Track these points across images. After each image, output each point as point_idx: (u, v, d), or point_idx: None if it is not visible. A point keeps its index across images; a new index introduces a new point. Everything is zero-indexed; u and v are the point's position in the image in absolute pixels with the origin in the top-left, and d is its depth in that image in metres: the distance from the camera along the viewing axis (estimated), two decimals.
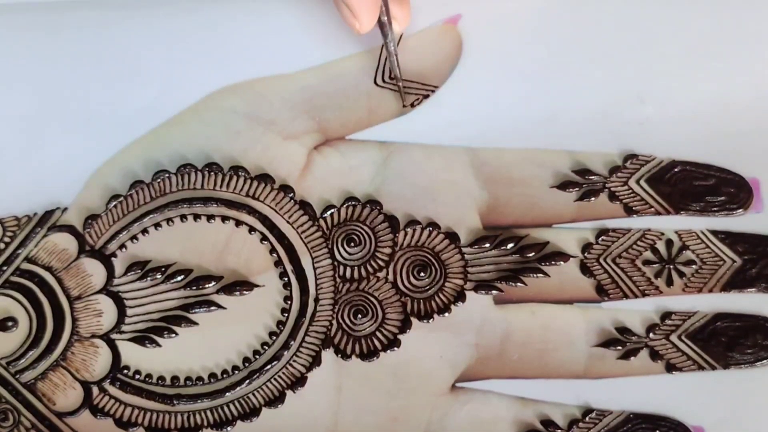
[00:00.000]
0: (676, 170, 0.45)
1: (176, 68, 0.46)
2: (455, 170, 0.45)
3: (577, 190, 0.45)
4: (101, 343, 0.43)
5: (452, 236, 0.44)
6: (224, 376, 0.43)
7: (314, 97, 0.46)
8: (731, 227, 0.45)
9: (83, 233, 0.44)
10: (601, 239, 0.45)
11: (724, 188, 0.45)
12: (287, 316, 0.43)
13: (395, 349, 0.43)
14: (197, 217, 0.44)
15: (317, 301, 0.43)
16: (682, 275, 0.44)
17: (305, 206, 0.44)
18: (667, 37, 0.47)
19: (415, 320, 0.43)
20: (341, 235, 0.44)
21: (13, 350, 0.43)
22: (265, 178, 0.44)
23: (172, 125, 0.46)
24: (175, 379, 0.43)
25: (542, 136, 0.46)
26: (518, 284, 0.44)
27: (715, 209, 0.45)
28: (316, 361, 0.43)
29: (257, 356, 0.43)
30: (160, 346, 0.43)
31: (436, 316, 0.43)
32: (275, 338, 0.43)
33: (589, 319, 0.44)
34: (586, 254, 0.44)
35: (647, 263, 0.44)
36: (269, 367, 0.43)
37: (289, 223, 0.44)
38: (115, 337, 0.43)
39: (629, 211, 0.45)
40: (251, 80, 0.46)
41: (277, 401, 0.42)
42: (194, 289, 0.43)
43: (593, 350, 0.43)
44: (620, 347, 0.43)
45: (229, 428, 0.42)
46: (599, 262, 0.44)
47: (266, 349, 0.43)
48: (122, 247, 0.44)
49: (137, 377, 0.43)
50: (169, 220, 0.44)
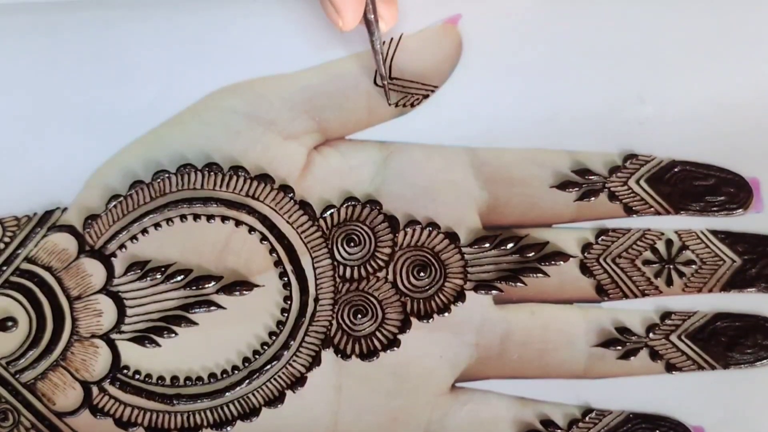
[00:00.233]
0: (676, 170, 0.45)
1: (176, 68, 0.46)
2: (455, 170, 0.45)
3: (577, 190, 0.45)
4: (101, 343, 0.43)
5: (452, 236, 0.44)
6: (224, 376, 0.43)
7: (314, 97, 0.46)
8: (731, 227, 0.45)
9: (83, 233, 0.44)
10: (601, 239, 0.45)
11: (724, 188, 0.45)
12: (287, 316, 0.43)
13: (395, 349, 0.43)
14: (197, 217, 0.44)
15: (317, 301, 0.43)
16: (682, 275, 0.44)
17: (305, 206, 0.44)
18: (667, 37, 0.47)
19: (415, 320, 0.43)
20: (341, 235, 0.44)
21: (13, 350, 0.43)
22: (265, 178, 0.44)
23: (172, 125, 0.46)
24: (174, 379, 0.43)
25: (542, 136, 0.46)
26: (518, 284, 0.44)
27: (715, 209, 0.45)
28: (315, 361, 0.43)
29: (257, 356, 0.43)
30: (159, 346, 0.43)
31: (436, 316, 0.43)
32: (275, 338, 0.43)
33: (589, 319, 0.44)
34: (586, 254, 0.44)
35: (647, 263, 0.44)
36: (269, 367, 0.43)
37: (288, 223, 0.44)
38: (114, 337, 0.43)
39: (629, 211, 0.45)
40: (251, 80, 0.46)
41: (277, 401, 0.42)
42: (194, 289, 0.43)
43: (593, 350, 0.43)
44: (620, 347, 0.43)
45: (229, 428, 0.42)
46: (599, 262, 0.44)
47: (266, 349, 0.43)
48: (122, 247, 0.44)
49: (137, 377, 0.43)
50: (169, 220, 0.44)
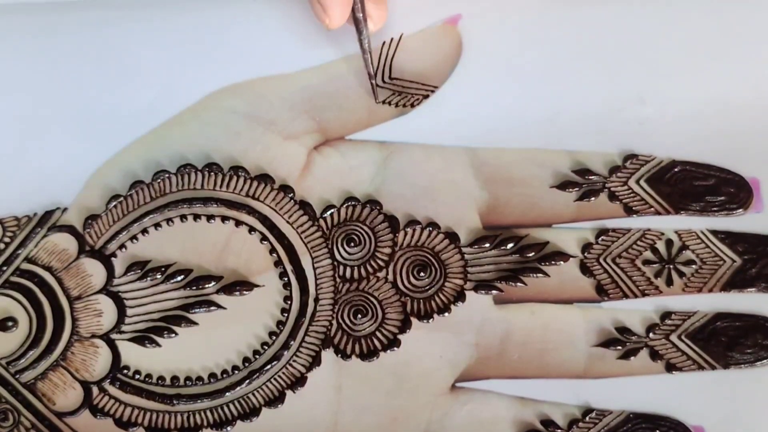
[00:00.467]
0: (676, 170, 0.45)
1: (176, 68, 0.46)
2: (455, 170, 0.45)
3: (577, 190, 0.45)
4: (101, 343, 0.43)
5: (452, 236, 0.44)
6: (224, 376, 0.43)
7: (314, 97, 0.46)
8: (731, 227, 0.45)
9: (83, 233, 0.44)
10: (601, 239, 0.45)
11: (724, 188, 0.45)
12: (287, 316, 0.43)
13: (395, 349, 0.43)
14: (197, 217, 0.44)
15: (317, 301, 0.43)
16: (682, 275, 0.44)
17: (305, 206, 0.44)
18: (667, 37, 0.47)
19: (415, 320, 0.43)
20: (341, 235, 0.44)
21: (13, 350, 0.43)
22: (265, 178, 0.44)
23: (172, 125, 0.46)
24: (175, 379, 0.43)
25: (542, 136, 0.46)
26: (518, 284, 0.44)
27: (715, 209, 0.45)
28: (316, 361, 0.43)
29: (257, 356, 0.43)
30: (160, 346, 0.43)
31: (436, 316, 0.43)
32: (275, 338, 0.43)
33: (589, 319, 0.44)
34: (586, 254, 0.44)
35: (647, 263, 0.44)
36: (269, 367, 0.43)
37: (289, 223, 0.44)
38: (115, 337, 0.43)
39: (629, 211, 0.45)
40: (251, 80, 0.46)
41: (277, 401, 0.42)
42: (194, 289, 0.43)
43: (593, 350, 0.43)
44: (620, 347, 0.43)
45: (229, 428, 0.42)
46: (599, 262, 0.44)
47: (266, 349, 0.43)
48: (122, 247, 0.44)
49: (137, 377, 0.43)
50: (169, 220, 0.44)
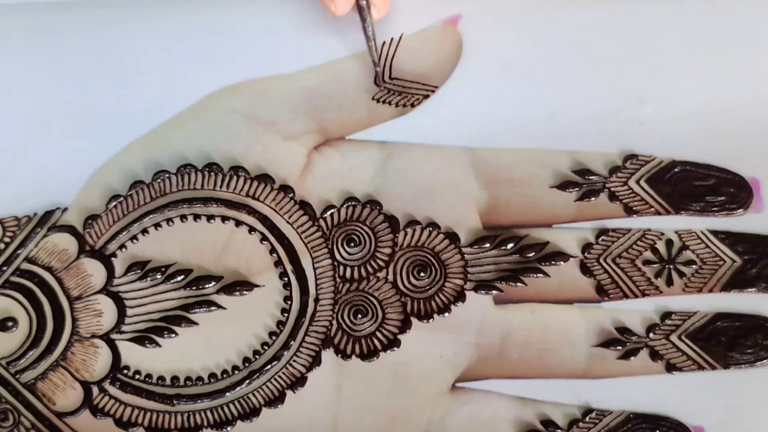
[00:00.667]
0: (676, 170, 0.45)
1: (176, 68, 0.46)
2: (455, 170, 0.45)
3: (577, 190, 0.45)
4: (101, 343, 0.43)
5: (452, 236, 0.44)
6: (224, 376, 0.43)
7: (314, 97, 0.46)
8: (731, 227, 0.45)
9: (83, 233, 0.44)
10: (601, 239, 0.45)
11: (724, 188, 0.45)
12: (287, 316, 0.43)
13: (395, 349, 0.43)
14: (197, 217, 0.44)
15: (317, 301, 0.43)
16: (682, 275, 0.44)
17: (305, 206, 0.44)
18: (667, 37, 0.47)
19: (415, 320, 0.43)
20: (341, 235, 0.44)
21: (13, 350, 0.43)
22: (265, 178, 0.44)
23: (172, 125, 0.46)
24: (175, 379, 0.43)
25: (542, 136, 0.46)
26: (518, 284, 0.44)
27: (715, 209, 0.45)
28: (316, 361, 0.43)
29: (257, 356, 0.43)
30: (160, 346, 0.43)
31: (436, 316, 0.43)
32: (275, 338, 0.43)
33: (589, 319, 0.44)
34: (586, 254, 0.44)
35: (647, 263, 0.44)
36: (269, 367, 0.43)
37: (289, 223, 0.44)
38: (115, 337, 0.43)
39: (629, 211, 0.45)
40: (251, 80, 0.46)
41: (277, 401, 0.42)
42: (194, 289, 0.43)
43: (593, 350, 0.43)
44: (620, 347, 0.43)
45: (229, 428, 0.42)
46: (599, 262, 0.44)
47: (266, 349, 0.43)
48: (122, 247, 0.44)
49: (137, 377, 0.43)
50: (169, 220, 0.44)
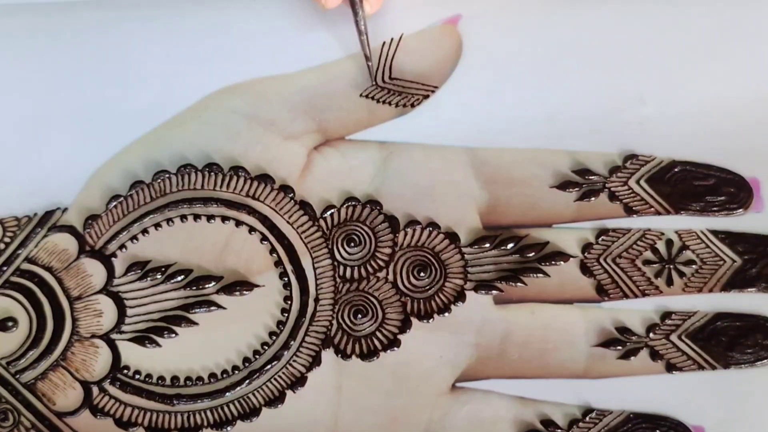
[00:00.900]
0: (676, 170, 0.45)
1: (176, 68, 0.46)
2: (455, 170, 0.45)
3: (577, 190, 0.45)
4: (101, 343, 0.43)
5: (452, 236, 0.44)
6: (224, 376, 0.43)
7: (314, 97, 0.46)
8: (731, 227, 0.45)
9: (83, 233, 0.44)
10: (601, 239, 0.45)
11: (724, 188, 0.45)
12: (287, 316, 0.43)
13: (395, 349, 0.43)
14: (197, 217, 0.44)
15: (317, 301, 0.43)
16: (682, 275, 0.44)
17: (305, 206, 0.44)
18: (667, 37, 0.47)
19: (415, 320, 0.43)
20: (341, 235, 0.44)
21: (13, 350, 0.43)
22: (265, 178, 0.44)
23: (172, 125, 0.46)
24: (175, 379, 0.43)
25: (542, 136, 0.46)
26: (518, 284, 0.44)
27: (715, 209, 0.45)
28: (316, 361, 0.43)
29: (257, 356, 0.43)
30: (160, 346, 0.43)
31: (436, 316, 0.43)
32: (275, 338, 0.43)
33: (589, 319, 0.44)
34: (586, 254, 0.44)
35: (647, 263, 0.44)
36: (269, 367, 0.43)
37: (289, 223, 0.44)
38: (115, 337, 0.43)
39: (629, 211, 0.45)
40: (251, 80, 0.46)
41: (277, 401, 0.42)
42: (194, 289, 0.43)
43: (593, 350, 0.43)
44: (620, 347, 0.43)
45: (229, 428, 0.42)
46: (599, 262, 0.44)
47: (266, 349, 0.43)
48: (122, 247, 0.44)
49: (137, 377, 0.43)
50: (169, 220, 0.44)
